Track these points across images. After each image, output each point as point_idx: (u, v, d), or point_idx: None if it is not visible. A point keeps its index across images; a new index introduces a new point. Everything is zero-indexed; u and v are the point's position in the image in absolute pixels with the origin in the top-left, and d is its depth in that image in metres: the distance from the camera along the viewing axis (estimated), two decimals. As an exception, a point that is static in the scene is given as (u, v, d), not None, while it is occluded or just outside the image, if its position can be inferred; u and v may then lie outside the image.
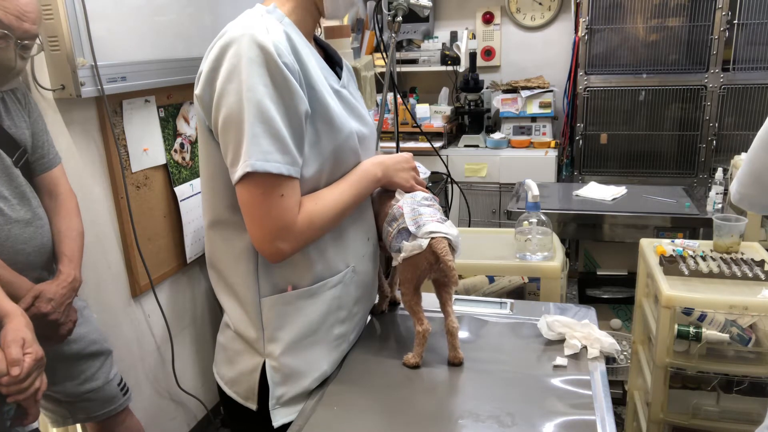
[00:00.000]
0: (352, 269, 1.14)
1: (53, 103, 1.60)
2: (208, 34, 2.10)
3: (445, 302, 1.13)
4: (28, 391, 1.11)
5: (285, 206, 0.97)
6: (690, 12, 3.26)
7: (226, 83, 0.95)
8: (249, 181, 0.95)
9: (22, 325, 1.14)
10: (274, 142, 0.95)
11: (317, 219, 1.02)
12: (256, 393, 1.09)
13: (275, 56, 0.94)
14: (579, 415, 0.98)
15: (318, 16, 1.11)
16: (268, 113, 0.94)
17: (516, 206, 2.58)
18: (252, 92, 0.93)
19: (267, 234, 0.98)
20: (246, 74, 0.93)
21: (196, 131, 2.21)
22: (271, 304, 1.07)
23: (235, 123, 0.94)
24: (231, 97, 0.94)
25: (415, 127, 3.67)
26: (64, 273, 1.44)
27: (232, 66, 0.94)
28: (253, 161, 0.93)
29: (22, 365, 1.09)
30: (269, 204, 0.96)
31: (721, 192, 2.43)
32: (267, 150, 0.94)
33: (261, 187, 0.96)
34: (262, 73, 0.94)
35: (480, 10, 4.05)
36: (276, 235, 0.98)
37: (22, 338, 1.12)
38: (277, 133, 0.95)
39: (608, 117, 3.50)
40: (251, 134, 0.93)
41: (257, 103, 0.93)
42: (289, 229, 0.98)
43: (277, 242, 0.98)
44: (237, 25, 0.98)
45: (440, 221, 1.10)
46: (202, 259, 2.23)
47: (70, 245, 1.47)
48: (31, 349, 1.12)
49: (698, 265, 1.74)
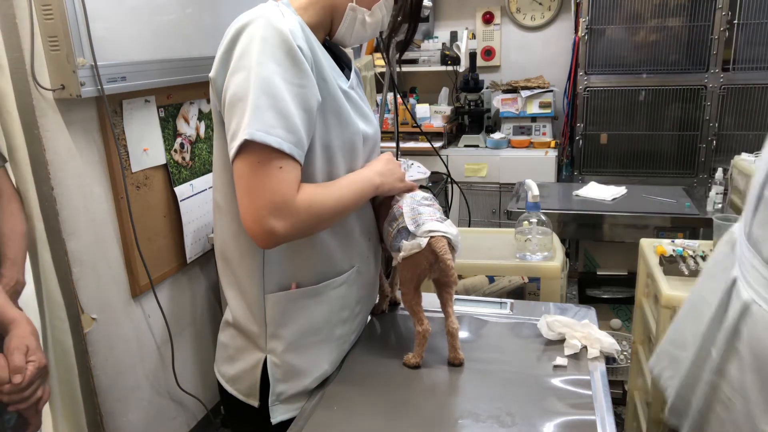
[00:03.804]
0: (356, 270, 1.15)
1: (53, 103, 1.60)
2: (208, 34, 2.10)
3: (446, 303, 1.13)
4: (29, 400, 1.09)
5: (282, 179, 0.91)
6: (690, 12, 3.26)
7: (238, 62, 0.93)
8: (246, 151, 0.91)
9: (27, 332, 1.12)
10: (279, 118, 0.91)
11: (316, 204, 0.96)
12: (258, 390, 1.09)
13: (290, 38, 0.93)
14: (579, 415, 0.98)
15: (328, 30, 1.11)
16: (275, 89, 0.91)
17: (516, 206, 2.58)
18: (261, 67, 0.91)
19: (260, 208, 0.90)
20: (257, 52, 0.91)
21: (197, 131, 2.22)
22: (275, 300, 1.07)
23: (240, 98, 0.91)
24: (240, 74, 0.92)
25: (415, 127, 3.67)
26: (6, 276, 1.40)
27: (245, 46, 0.93)
28: (253, 130, 0.89)
29: (24, 373, 1.07)
30: (265, 176, 0.90)
31: (721, 192, 2.43)
32: (270, 123, 0.90)
33: (257, 158, 0.90)
34: (274, 53, 0.92)
35: (480, 10, 4.05)
36: (270, 210, 0.90)
37: (27, 346, 1.10)
38: (283, 110, 0.91)
39: (608, 117, 3.50)
40: (254, 106, 0.90)
41: (265, 78, 0.91)
42: (286, 205, 0.91)
43: (271, 219, 0.90)
44: (252, 12, 0.97)
45: (440, 220, 1.10)
46: (202, 259, 2.23)
47: (13, 247, 1.44)
48: (35, 357, 1.10)
49: (698, 265, 1.74)
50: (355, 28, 1.09)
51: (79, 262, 1.70)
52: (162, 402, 2.09)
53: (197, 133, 2.17)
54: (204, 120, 2.21)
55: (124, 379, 1.89)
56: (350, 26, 1.08)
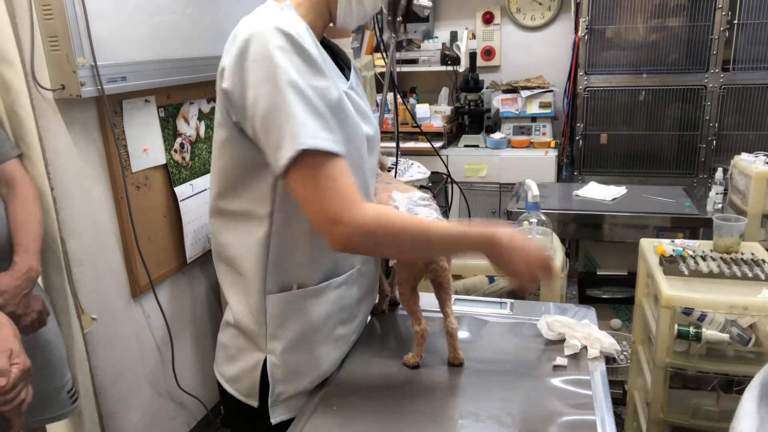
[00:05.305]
0: (358, 270, 1.15)
1: (53, 103, 1.60)
2: (208, 34, 2.10)
3: (444, 303, 1.13)
4: (13, 402, 1.09)
5: (342, 179, 0.94)
6: (690, 12, 3.26)
7: (258, 73, 0.93)
8: (300, 162, 0.93)
9: (9, 334, 1.11)
10: (320, 122, 0.94)
11: (387, 221, 0.96)
12: (258, 390, 1.09)
13: (302, 42, 0.95)
14: (579, 415, 0.98)
15: (328, 21, 1.11)
16: (307, 95, 0.93)
17: (516, 206, 2.58)
18: (288, 76, 0.92)
19: (328, 212, 0.93)
20: (278, 61, 0.92)
21: (197, 131, 2.22)
22: (276, 301, 1.07)
23: (274, 109, 0.93)
24: (266, 86, 0.93)
25: (415, 127, 3.67)
26: (19, 263, 1.40)
27: (260, 56, 0.93)
28: (303, 139, 0.91)
29: (8, 376, 1.07)
30: (326, 179, 0.93)
31: (721, 192, 2.43)
32: (314, 128, 0.93)
33: (313, 164, 0.93)
34: (292, 59, 0.93)
35: (480, 10, 4.05)
36: (337, 211, 0.93)
37: (10, 348, 1.09)
38: (319, 114, 0.94)
39: (608, 117, 3.50)
40: (295, 117, 0.92)
41: (295, 86, 0.93)
42: (350, 209, 0.93)
43: (336, 225, 0.93)
44: (256, 18, 0.97)
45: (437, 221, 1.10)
46: (202, 259, 2.23)
47: (27, 235, 1.44)
48: (19, 359, 1.10)
49: (698, 265, 1.74)
50: (353, 7, 1.08)
51: (79, 262, 1.70)
52: (162, 402, 2.09)
53: (197, 133, 2.17)
54: (204, 120, 2.21)
55: (124, 379, 1.90)
56: (347, 7, 1.08)
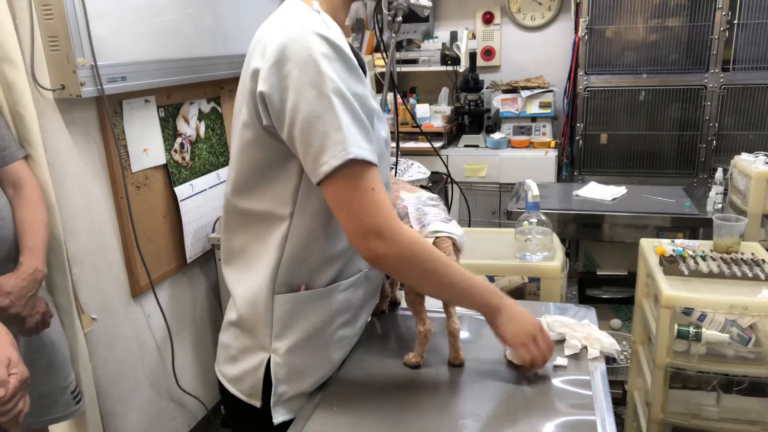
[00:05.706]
0: (365, 274, 1.15)
1: (53, 103, 1.60)
2: (208, 34, 2.10)
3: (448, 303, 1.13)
4: (11, 413, 1.08)
5: (380, 196, 0.95)
6: (690, 12, 3.26)
7: (300, 79, 0.92)
8: (342, 171, 0.92)
9: (7, 344, 1.11)
10: (363, 131, 0.94)
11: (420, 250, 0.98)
12: (260, 390, 1.09)
13: (344, 49, 0.95)
14: (579, 415, 0.98)
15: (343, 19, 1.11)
16: (351, 104, 0.94)
17: (516, 206, 2.58)
18: (333, 83, 0.92)
19: (369, 226, 0.94)
20: (323, 69, 0.92)
21: (197, 131, 2.22)
22: (285, 301, 1.06)
23: (318, 116, 0.92)
24: (310, 92, 0.92)
25: (415, 127, 3.67)
26: (25, 265, 1.41)
27: (303, 62, 0.92)
28: (349, 148, 0.91)
29: (7, 386, 1.06)
30: (367, 194, 0.94)
31: (721, 192, 2.43)
32: (360, 137, 0.93)
33: (356, 173, 0.93)
34: (335, 67, 0.93)
35: (480, 10, 4.05)
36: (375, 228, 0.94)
37: (8, 358, 1.09)
38: (362, 123, 0.95)
39: (608, 117, 3.50)
40: (342, 125, 0.92)
41: (341, 94, 0.93)
42: (391, 227, 0.95)
43: (376, 239, 0.94)
44: (293, 21, 0.96)
45: (445, 221, 1.10)
46: (202, 259, 2.23)
47: (33, 236, 1.44)
48: (17, 369, 1.09)
49: (698, 265, 1.74)
50: None
51: (79, 262, 1.70)
52: (162, 402, 2.09)
53: (197, 133, 2.17)
54: (204, 120, 2.21)
55: (124, 379, 1.90)
56: None
